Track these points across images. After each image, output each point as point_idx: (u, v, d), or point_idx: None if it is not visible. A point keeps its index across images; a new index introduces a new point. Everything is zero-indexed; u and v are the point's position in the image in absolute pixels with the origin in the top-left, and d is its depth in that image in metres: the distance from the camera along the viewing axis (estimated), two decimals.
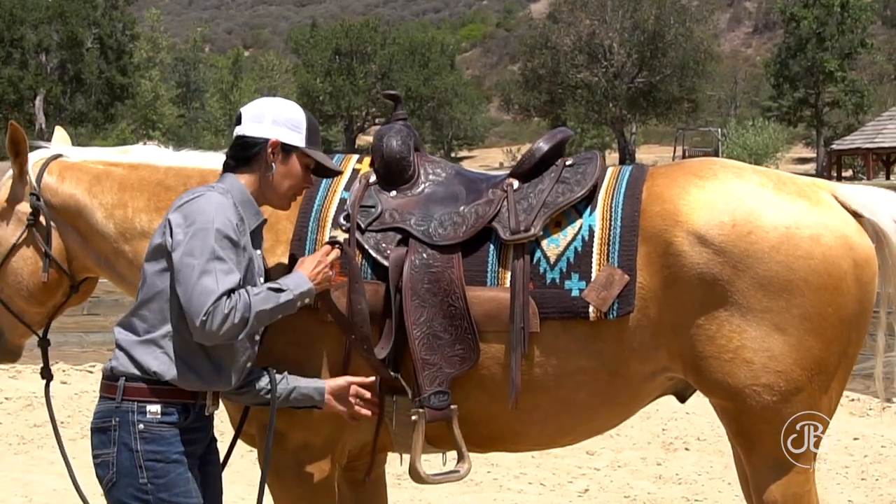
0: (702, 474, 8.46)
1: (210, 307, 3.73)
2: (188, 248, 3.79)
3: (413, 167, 4.44)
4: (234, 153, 4.09)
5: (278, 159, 4.05)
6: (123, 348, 3.91)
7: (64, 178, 4.54)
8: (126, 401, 3.88)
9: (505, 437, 4.41)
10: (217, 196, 3.89)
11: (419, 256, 4.21)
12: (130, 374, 3.88)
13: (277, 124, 4.06)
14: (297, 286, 3.96)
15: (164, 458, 3.88)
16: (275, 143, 4.03)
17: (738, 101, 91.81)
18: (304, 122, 4.11)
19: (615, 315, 4.09)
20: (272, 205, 4.13)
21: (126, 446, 3.87)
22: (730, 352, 4.04)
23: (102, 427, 3.92)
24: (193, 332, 3.80)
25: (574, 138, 57.19)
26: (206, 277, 3.75)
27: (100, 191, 4.51)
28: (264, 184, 4.06)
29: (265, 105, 4.15)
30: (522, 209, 4.23)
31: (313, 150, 4.11)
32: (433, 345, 4.15)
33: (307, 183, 4.15)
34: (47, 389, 4.79)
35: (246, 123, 4.09)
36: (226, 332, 3.78)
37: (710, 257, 4.03)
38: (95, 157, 4.65)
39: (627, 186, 4.25)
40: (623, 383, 4.21)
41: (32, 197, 4.48)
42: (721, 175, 4.21)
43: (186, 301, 3.77)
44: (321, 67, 74.34)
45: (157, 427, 3.88)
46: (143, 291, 3.93)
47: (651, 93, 64.46)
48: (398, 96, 4.67)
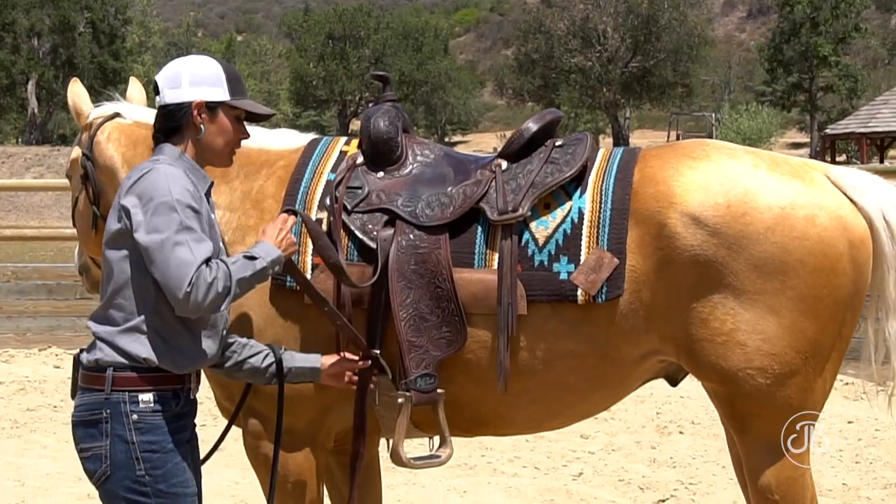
0: (696, 458, 8.41)
1: (192, 278, 3.62)
2: (152, 225, 3.67)
3: (401, 148, 4.38)
4: (161, 125, 3.97)
5: (206, 119, 3.92)
6: (106, 340, 3.78)
7: (110, 139, 4.57)
8: (116, 391, 3.75)
9: (491, 422, 4.37)
10: (166, 167, 3.77)
11: (406, 237, 4.17)
12: (118, 363, 3.75)
13: (196, 84, 3.92)
14: (267, 254, 3.86)
15: (160, 448, 3.77)
16: (199, 104, 3.90)
17: (732, 85, 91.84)
18: (223, 74, 3.96)
19: (604, 299, 4.05)
20: (213, 164, 4.01)
21: (120, 438, 3.74)
22: (723, 335, 4.00)
23: (90, 420, 3.79)
24: (177, 307, 3.68)
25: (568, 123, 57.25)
26: (179, 249, 3.64)
27: (132, 156, 4.50)
28: (200, 147, 3.94)
29: (179, 67, 3.99)
30: (511, 189, 4.18)
31: (238, 100, 3.99)
32: (419, 327, 4.11)
33: (242, 134, 4.03)
34: None
35: (165, 92, 3.95)
36: (211, 302, 3.67)
37: (704, 239, 3.99)
38: (145, 118, 4.61)
39: (618, 169, 4.20)
40: (613, 366, 4.16)
41: (83, 157, 4.56)
42: (714, 156, 4.17)
43: (164, 277, 3.65)
44: (314, 52, 74.25)
45: (152, 416, 3.76)
46: (113, 281, 3.79)
47: (645, 77, 64.45)
48: (387, 77, 4.61)
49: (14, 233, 14.01)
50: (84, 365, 3.84)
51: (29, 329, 13.17)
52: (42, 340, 12.86)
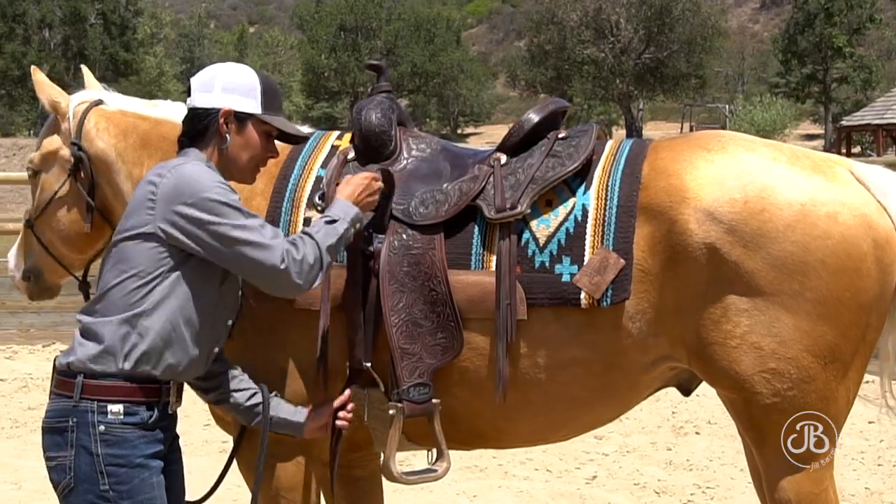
0: (713, 460, 8.22)
1: (282, 258, 3.51)
2: (213, 217, 3.51)
3: (394, 142, 4.13)
4: (187, 127, 3.78)
5: (233, 129, 3.73)
6: (90, 333, 3.56)
7: (99, 128, 4.34)
8: (85, 399, 3.54)
9: (490, 435, 4.12)
10: (198, 164, 3.61)
11: (398, 237, 3.92)
12: (89, 370, 3.54)
13: (228, 91, 3.73)
14: (346, 213, 3.73)
15: (126, 462, 3.55)
16: (226, 112, 3.71)
17: (746, 77, 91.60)
18: (259, 87, 3.77)
19: (609, 302, 3.80)
20: (235, 179, 3.80)
21: (85, 449, 3.53)
22: (736, 337, 3.75)
23: (57, 427, 3.58)
24: (278, 292, 3.62)
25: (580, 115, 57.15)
26: (247, 235, 3.52)
27: (124, 147, 4.31)
28: (222, 158, 3.75)
29: (214, 72, 3.81)
30: (509, 185, 3.93)
31: (271, 115, 3.79)
32: (413, 333, 3.86)
33: (270, 153, 3.83)
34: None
35: (195, 94, 3.77)
36: (307, 277, 3.57)
37: (718, 236, 3.73)
38: (129, 107, 4.42)
39: (626, 162, 3.94)
40: (620, 375, 3.91)
41: (74, 146, 4.31)
42: (731, 148, 3.91)
43: (250, 270, 3.55)
44: (326, 43, 74.25)
45: (120, 429, 3.55)
46: (115, 273, 3.58)
47: (658, 69, 64.39)
48: (381, 66, 4.33)
49: (17, 227, 13.78)
50: (57, 368, 3.63)
51: (32, 325, 13.04)
52: (46, 336, 12.72)
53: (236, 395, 3.86)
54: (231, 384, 3.86)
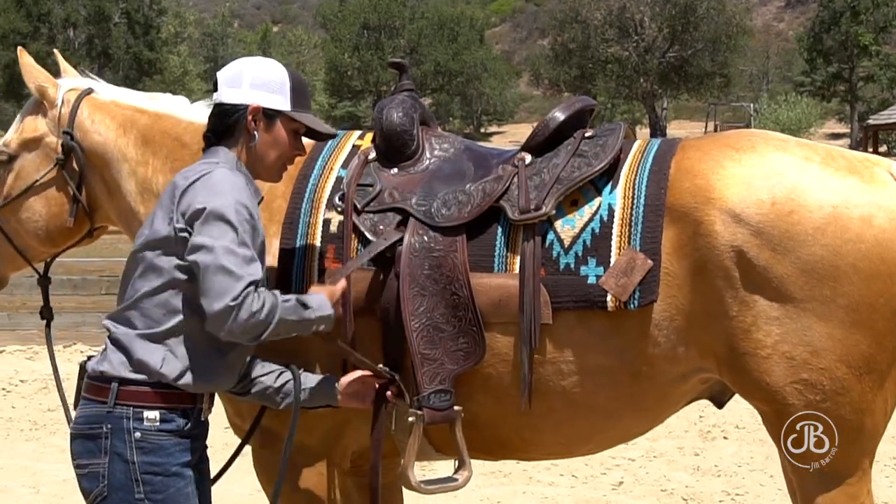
0: (742, 465, 8.08)
1: (239, 295, 3.32)
2: (207, 231, 3.37)
3: (416, 142, 4.00)
4: (213, 124, 3.66)
5: (261, 127, 3.62)
6: (121, 343, 3.48)
7: (94, 119, 4.18)
8: (120, 405, 3.44)
9: (514, 444, 3.99)
10: (229, 174, 3.48)
11: (419, 239, 3.79)
12: (124, 377, 3.45)
13: (256, 87, 3.62)
14: (320, 307, 3.56)
15: (163, 470, 3.46)
16: (254, 108, 3.60)
17: (770, 76, 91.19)
18: (288, 83, 3.66)
19: (636, 305, 3.66)
20: (261, 178, 3.71)
21: (120, 457, 3.44)
22: (767, 347, 3.60)
23: (90, 434, 3.48)
24: (211, 321, 3.37)
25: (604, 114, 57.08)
26: (228, 261, 3.34)
27: (125, 143, 4.16)
28: (249, 156, 3.64)
29: (242, 66, 3.70)
30: (534, 186, 3.81)
31: (300, 112, 3.68)
32: (434, 338, 3.74)
33: (298, 150, 3.73)
34: (48, 332, 4.54)
35: (222, 89, 3.66)
36: (247, 330, 3.38)
37: (745, 239, 3.59)
38: (124, 98, 4.27)
39: (654, 161, 3.81)
40: (648, 385, 3.77)
41: (66, 136, 4.13)
42: (760, 147, 3.76)
43: (206, 287, 3.35)
44: (349, 42, 74.30)
45: (156, 436, 3.45)
46: (146, 284, 3.48)
47: (682, 67, 64.20)
48: (404, 65, 4.22)
49: None
50: (89, 374, 3.53)
51: (54, 325, 12.85)
52: (67, 337, 12.64)
53: (263, 379, 3.75)
54: (255, 370, 3.75)
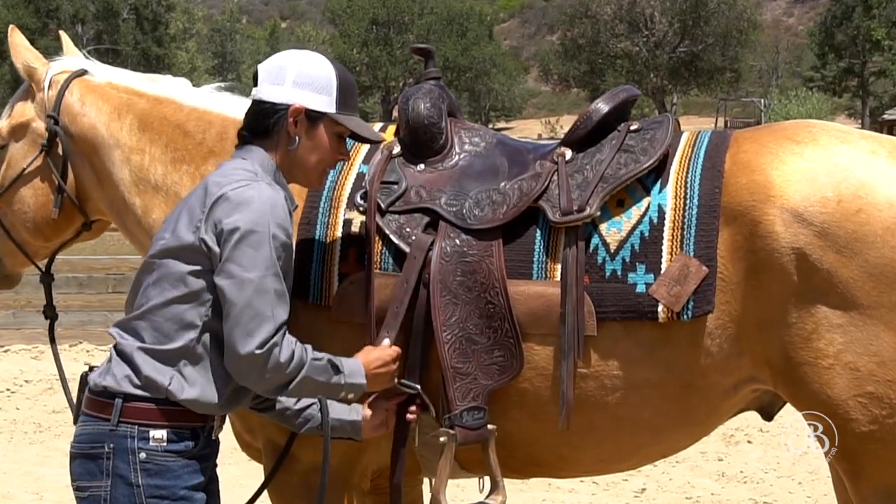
0: (768, 472, 7.84)
1: (266, 342, 3.06)
2: (241, 257, 3.09)
3: (445, 135, 3.69)
4: (251, 122, 3.35)
5: (303, 129, 3.30)
6: (127, 357, 3.18)
7: (85, 102, 3.91)
8: (124, 423, 3.15)
9: (550, 462, 3.70)
10: (268, 190, 3.16)
11: (451, 243, 3.49)
12: (129, 393, 3.16)
13: (300, 86, 3.29)
14: (352, 374, 3.28)
15: (170, 494, 3.17)
16: (297, 109, 3.28)
17: (780, 71, 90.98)
18: (335, 82, 3.32)
19: (690, 316, 3.36)
20: (300, 183, 3.42)
21: (123, 479, 3.15)
22: (829, 357, 3.31)
23: (90, 454, 3.19)
24: (232, 364, 3.12)
25: None
26: (259, 299, 3.08)
27: (118, 128, 3.87)
28: (287, 159, 3.32)
29: (286, 61, 3.36)
30: (576, 184, 3.50)
31: (346, 116, 3.35)
32: (467, 350, 3.45)
33: (341, 155, 3.42)
34: (51, 329, 4.32)
35: (263, 86, 3.33)
36: (268, 382, 3.14)
37: (808, 240, 3.29)
38: (120, 80, 3.99)
39: (706, 156, 3.50)
40: (699, 398, 3.48)
41: (50, 119, 3.89)
42: (823, 140, 3.45)
43: (234, 323, 3.09)
44: (358, 38, 74.11)
45: (163, 457, 3.16)
46: (159, 291, 3.18)
47: (693, 62, 64.12)
48: (430, 50, 3.89)
49: None
50: (90, 388, 3.24)
51: (59, 324, 12.57)
52: (73, 336, 12.43)
53: (283, 399, 3.46)
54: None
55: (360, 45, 73.95)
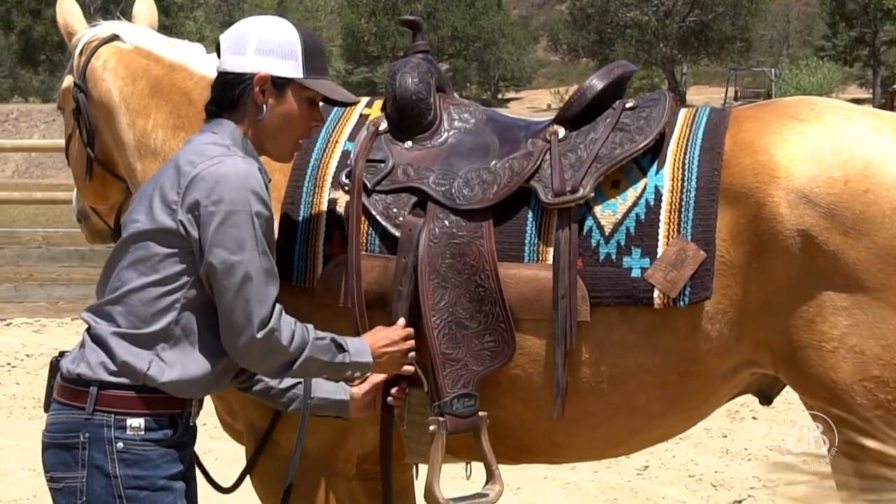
0: (773, 449, 7.71)
1: (264, 325, 2.99)
2: (225, 239, 2.99)
3: (433, 111, 3.57)
4: (217, 95, 3.22)
5: (270, 98, 3.17)
6: (102, 342, 3.06)
7: (107, 67, 3.85)
8: (100, 411, 3.04)
9: (542, 449, 3.62)
10: (242, 164, 3.05)
11: (439, 224, 3.38)
12: (104, 380, 3.05)
13: (263, 53, 3.15)
14: (357, 353, 3.19)
15: (149, 484, 3.07)
16: (262, 78, 3.15)
17: (791, 40, 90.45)
18: (300, 46, 3.18)
19: (686, 302, 3.26)
20: (271, 156, 3.29)
21: (100, 470, 3.04)
22: (833, 340, 3.22)
23: (64, 444, 3.08)
24: (233, 352, 3.05)
25: None
26: (249, 285, 3.00)
27: (130, 92, 3.81)
28: (257, 131, 3.20)
29: (247, 29, 3.23)
30: (569, 164, 3.38)
31: (315, 79, 3.22)
32: (456, 336, 3.34)
33: (315, 122, 3.30)
34: None
35: (226, 56, 3.21)
36: (271, 362, 3.08)
37: (815, 222, 3.19)
38: (146, 46, 3.91)
39: (705, 136, 3.38)
40: (696, 383, 3.39)
41: (75, 88, 3.88)
42: (827, 117, 3.34)
43: (225, 315, 3.01)
44: (366, 7, 73.85)
45: (141, 446, 3.06)
46: (134, 275, 3.07)
47: (703, 32, 63.75)
48: (418, 22, 3.76)
49: (46, 196, 13.43)
50: (63, 375, 3.12)
51: (61, 297, 12.67)
52: (75, 309, 12.31)
53: (273, 382, 3.38)
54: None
55: (369, 14, 73.65)
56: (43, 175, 39.34)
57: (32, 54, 62.62)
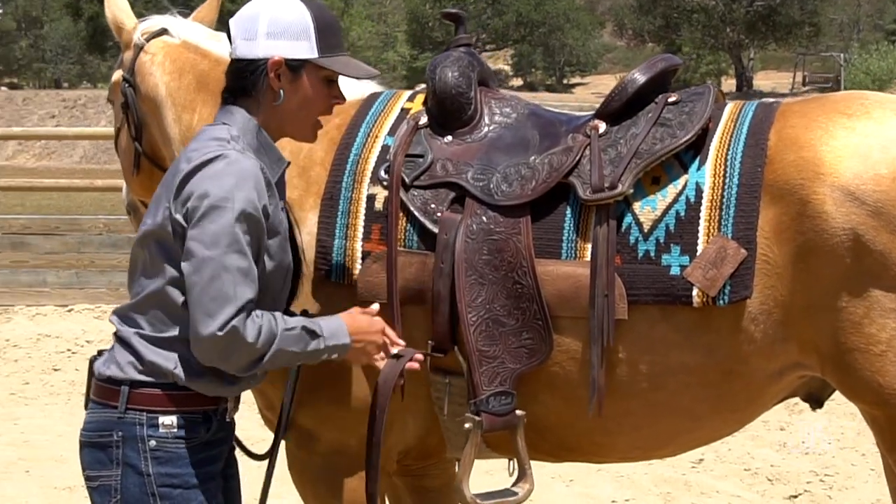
0: (831, 443, 7.64)
1: (226, 324, 2.89)
2: (202, 233, 2.92)
3: (474, 105, 3.51)
4: (231, 82, 3.17)
5: (286, 81, 3.10)
6: (128, 344, 3.05)
7: (155, 62, 3.85)
8: (132, 410, 3.03)
9: (583, 448, 3.56)
10: (238, 158, 2.98)
11: (477, 220, 3.33)
12: (134, 379, 3.04)
13: (274, 36, 3.07)
14: (332, 335, 3.09)
15: (182, 482, 3.05)
16: (276, 62, 3.07)
17: (861, 24, 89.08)
18: (311, 24, 3.09)
19: (726, 301, 3.19)
20: (295, 138, 3.22)
21: (133, 468, 3.03)
22: (882, 343, 3.13)
23: (99, 442, 3.08)
24: (194, 343, 2.95)
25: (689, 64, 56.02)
26: (221, 279, 2.90)
27: (177, 86, 3.80)
28: (276, 116, 3.13)
29: (256, 10, 3.13)
30: (609, 160, 3.32)
31: (330, 57, 3.13)
32: (493, 333, 3.29)
33: (335, 99, 3.21)
34: None
35: (237, 42, 3.13)
36: (236, 362, 2.97)
37: (861, 220, 3.10)
38: (194, 39, 3.89)
39: (749, 131, 3.30)
40: (741, 384, 3.31)
41: (124, 82, 3.88)
42: (876, 113, 3.24)
43: (194, 303, 2.93)
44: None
45: (174, 444, 3.04)
46: (148, 280, 3.04)
47: (770, 16, 62.87)
48: (460, 15, 3.71)
49: (106, 183, 13.50)
50: (97, 376, 3.12)
51: (122, 284, 12.69)
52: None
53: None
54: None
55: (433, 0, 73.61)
56: (111, 160, 39.65)
57: (100, 41, 63.10)
